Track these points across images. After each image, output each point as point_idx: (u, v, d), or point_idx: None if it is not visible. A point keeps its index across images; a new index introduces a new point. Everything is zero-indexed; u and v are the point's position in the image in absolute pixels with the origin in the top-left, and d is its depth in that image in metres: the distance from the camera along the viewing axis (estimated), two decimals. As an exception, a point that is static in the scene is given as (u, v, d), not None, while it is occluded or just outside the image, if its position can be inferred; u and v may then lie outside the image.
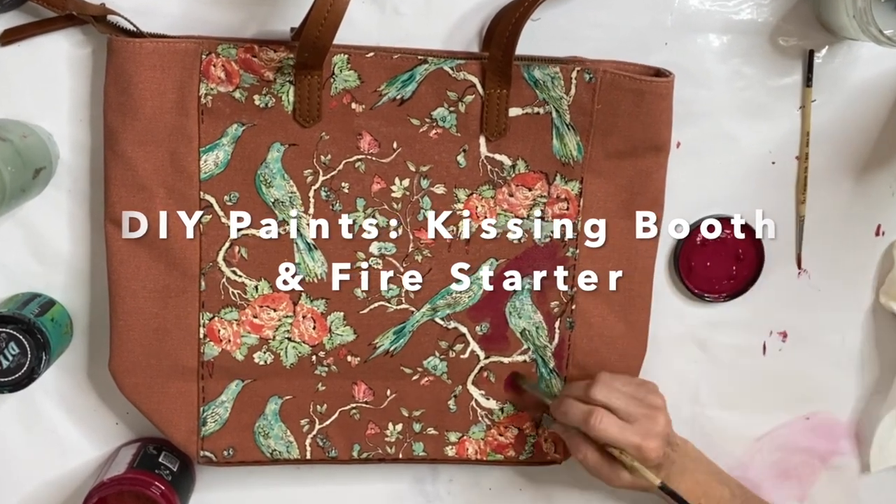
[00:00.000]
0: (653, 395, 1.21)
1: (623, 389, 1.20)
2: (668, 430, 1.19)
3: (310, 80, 1.14)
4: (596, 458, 1.18)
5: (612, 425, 1.16)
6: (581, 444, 1.19)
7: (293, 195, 1.17)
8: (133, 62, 1.11)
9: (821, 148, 1.30)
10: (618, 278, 1.25)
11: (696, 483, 1.23)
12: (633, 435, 1.16)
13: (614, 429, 1.16)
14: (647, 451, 1.15)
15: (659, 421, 1.18)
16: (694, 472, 1.23)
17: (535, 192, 1.21)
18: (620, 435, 1.15)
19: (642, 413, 1.17)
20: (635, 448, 1.15)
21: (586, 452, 1.18)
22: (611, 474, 1.18)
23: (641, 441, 1.15)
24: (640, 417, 1.17)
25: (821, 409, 1.37)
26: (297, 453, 1.24)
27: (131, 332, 1.18)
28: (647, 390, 1.22)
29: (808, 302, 1.34)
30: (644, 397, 1.20)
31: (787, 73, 1.28)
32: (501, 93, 1.17)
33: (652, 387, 1.23)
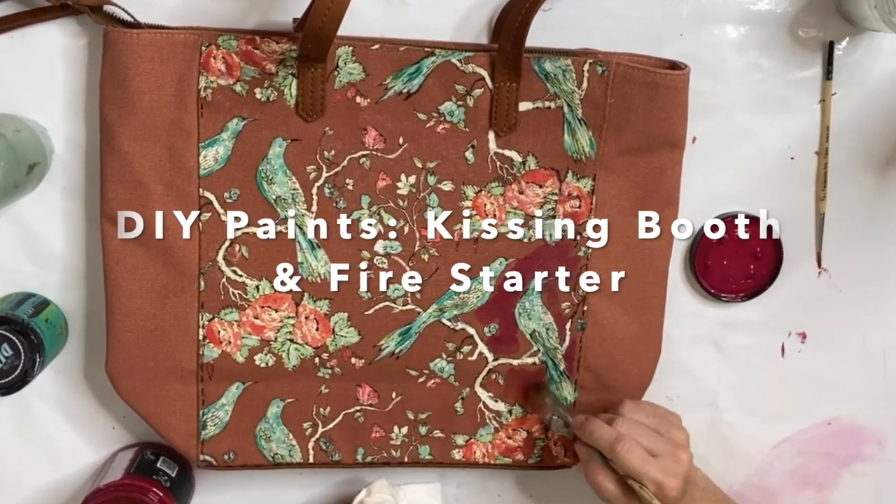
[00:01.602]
0: (677, 430, 1.21)
1: (647, 421, 1.20)
2: (690, 468, 1.19)
3: (313, 72, 1.13)
4: (613, 488, 1.18)
5: (637, 457, 1.16)
6: (600, 470, 1.19)
7: (295, 192, 1.16)
8: (130, 54, 1.11)
9: (841, 143, 1.29)
10: (631, 278, 1.24)
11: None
12: (657, 471, 1.16)
13: (638, 460, 1.15)
14: (667, 489, 1.15)
15: (682, 459, 1.18)
16: (700, 500, 1.23)
17: (546, 189, 1.20)
18: (644, 468, 1.15)
19: (667, 450, 1.18)
20: (656, 485, 1.15)
21: (605, 481, 1.18)
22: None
23: (664, 479, 1.15)
24: (665, 454, 1.17)
25: (842, 413, 1.37)
26: (299, 457, 1.24)
27: (128, 334, 1.17)
28: (671, 424, 1.22)
29: (828, 302, 1.33)
30: (668, 432, 1.20)
31: (807, 65, 1.27)
32: (511, 86, 1.17)
33: (676, 420, 1.23)
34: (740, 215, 1.28)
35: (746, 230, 1.28)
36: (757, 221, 1.28)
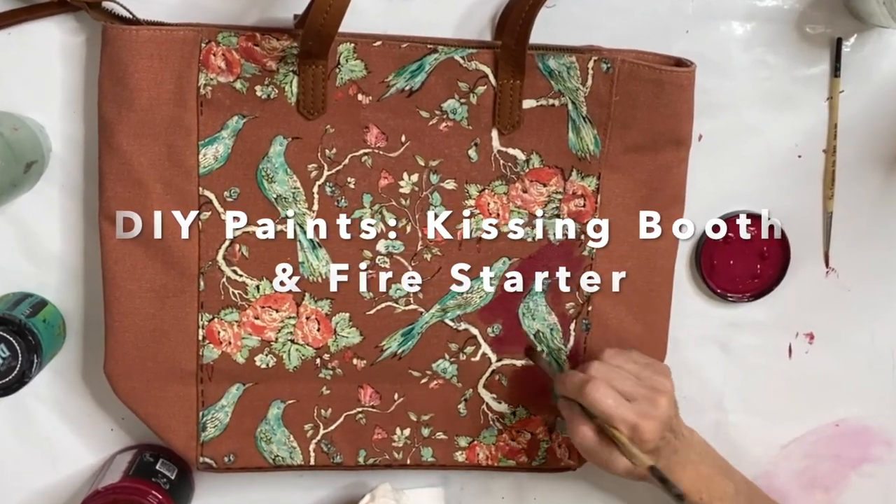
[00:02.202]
0: (659, 377, 1.18)
1: (627, 367, 1.18)
2: (671, 414, 1.16)
3: (314, 69, 1.13)
4: (592, 439, 1.15)
5: (607, 397, 1.13)
6: (580, 422, 1.16)
7: (296, 191, 1.16)
8: (129, 51, 1.10)
9: (849, 141, 1.29)
10: (636, 278, 1.24)
11: (699, 476, 1.21)
12: (630, 412, 1.13)
13: (609, 401, 1.12)
14: (643, 431, 1.12)
15: (660, 403, 1.15)
16: (698, 464, 1.21)
17: (550, 188, 1.20)
18: (616, 410, 1.12)
19: (643, 394, 1.15)
20: (631, 427, 1.12)
21: (584, 431, 1.15)
22: (608, 458, 1.15)
23: (638, 420, 1.12)
24: (640, 398, 1.14)
25: (850, 415, 1.37)
26: (300, 459, 1.24)
27: (127, 334, 1.17)
28: (654, 371, 1.19)
29: (836, 301, 1.33)
30: (649, 378, 1.17)
31: (814, 62, 1.27)
32: (515, 83, 1.16)
33: (660, 368, 1.20)
34: (742, 215, 1.28)
35: (751, 229, 1.28)
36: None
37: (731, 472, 1.26)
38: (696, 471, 1.21)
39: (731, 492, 1.22)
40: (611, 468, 1.15)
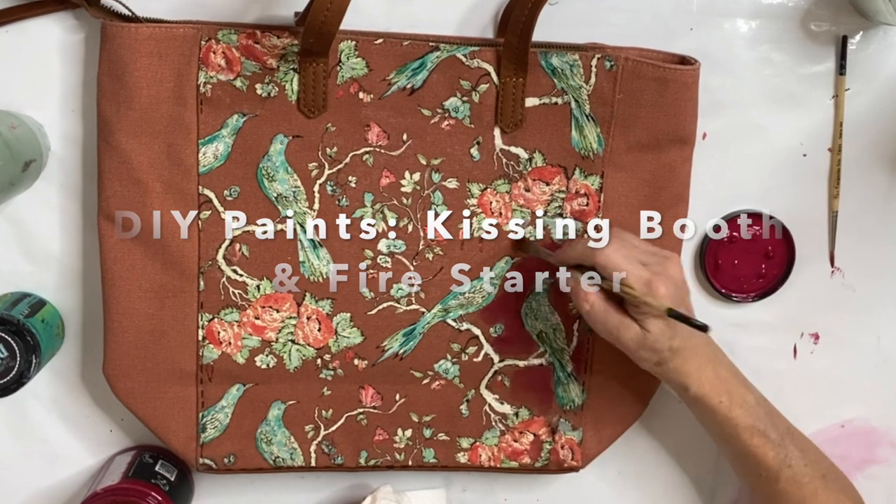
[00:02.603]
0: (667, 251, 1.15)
1: (634, 241, 1.15)
2: (682, 280, 1.13)
3: (315, 67, 1.13)
4: (602, 306, 1.12)
5: (620, 256, 1.10)
6: (587, 290, 1.13)
7: (297, 190, 1.16)
8: (128, 49, 1.10)
9: (855, 139, 1.29)
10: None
11: (718, 378, 1.18)
12: (643, 269, 1.10)
13: (619, 256, 1.10)
14: (657, 287, 1.09)
15: (672, 268, 1.12)
16: (717, 364, 1.18)
17: (553, 186, 1.20)
18: (629, 265, 1.10)
19: (654, 259, 1.12)
20: (645, 283, 1.09)
21: (593, 299, 1.13)
22: (618, 325, 1.12)
23: (651, 276, 1.10)
24: (652, 262, 1.12)
25: (856, 416, 1.37)
26: (301, 460, 1.24)
27: (126, 334, 1.17)
28: (661, 247, 1.17)
29: (841, 302, 1.33)
30: (657, 250, 1.15)
31: (820, 60, 1.27)
32: (517, 81, 1.16)
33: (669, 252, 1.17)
34: (744, 214, 1.28)
35: (754, 229, 1.28)
36: (768, 219, 1.28)
37: (749, 384, 1.22)
38: (713, 370, 1.18)
39: (751, 402, 1.19)
40: (620, 337, 1.13)
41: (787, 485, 1.18)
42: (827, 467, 1.22)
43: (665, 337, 1.11)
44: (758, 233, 1.28)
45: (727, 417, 1.17)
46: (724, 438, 1.19)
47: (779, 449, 1.18)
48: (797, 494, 1.18)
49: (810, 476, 1.19)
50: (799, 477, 1.18)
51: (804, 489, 1.18)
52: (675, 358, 1.14)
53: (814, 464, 1.20)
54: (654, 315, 1.10)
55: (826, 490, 1.19)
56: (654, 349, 1.12)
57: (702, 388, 1.16)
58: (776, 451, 1.18)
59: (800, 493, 1.18)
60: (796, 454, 1.18)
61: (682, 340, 1.13)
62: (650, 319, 1.10)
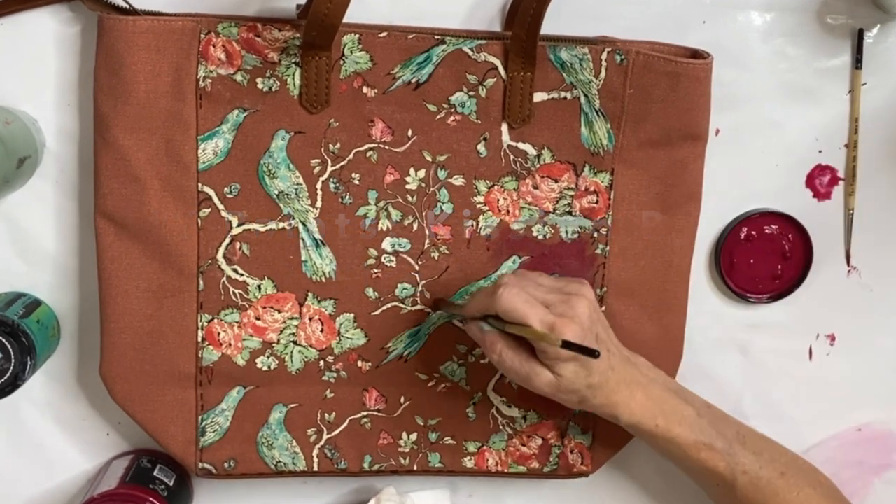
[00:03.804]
0: (575, 285, 1.13)
1: (540, 279, 1.14)
2: (593, 319, 1.10)
3: (317, 61, 1.13)
4: (510, 354, 1.10)
5: (520, 301, 1.08)
6: (496, 340, 1.11)
7: (299, 187, 1.16)
8: (125, 42, 1.10)
9: (871, 135, 1.29)
10: (651, 277, 1.23)
11: (650, 398, 1.16)
12: (546, 314, 1.08)
13: (521, 303, 1.08)
14: (560, 331, 1.06)
15: (578, 307, 1.09)
16: (646, 386, 1.17)
17: (562, 184, 1.20)
18: (531, 310, 1.08)
19: (559, 299, 1.10)
20: (548, 326, 1.06)
21: (501, 348, 1.11)
22: (530, 372, 1.10)
23: (555, 319, 1.07)
24: (557, 302, 1.09)
25: (873, 419, 1.36)
26: (303, 465, 1.23)
27: (124, 335, 1.17)
28: (570, 282, 1.15)
29: (857, 302, 1.33)
30: (564, 287, 1.13)
31: (835, 53, 1.27)
32: (525, 76, 1.16)
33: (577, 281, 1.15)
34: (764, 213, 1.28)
35: (771, 228, 1.28)
36: (785, 218, 1.28)
37: (688, 396, 1.21)
38: (644, 393, 1.16)
39: (690, 415, 1.17)
40: (535, 383, 1.11)
41: (744, 491, 1.18)
42: (786, 463, 1.20)
43: (580, 377, 1.10)
44: (775, 232, 1.27)
45: (667, 438, 1.16)
46: (671, 457, 1.19)
47: (729, 458, 1.17)
48: (757, 498, 1.18)
49: (767, 478, 1.18)
50: (756, 481, 1.17)
51: (763, 492, 1.17)
52: (598, 394, 1.12)
53: (770, 464, 1.18)
54: (563, 359, 1.08)
55: (787, 488, 1.18)
56: (571, 391, 1.11)
57: (633, 415, 1.14)
58: (726, 460, 1.17)
59: (759, 497, 1.18)
60: (749, 458, 1.17)
61: (600, 376, 1.12)
62: (560, 364, 1.09)
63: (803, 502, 1.18)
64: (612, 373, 1.13)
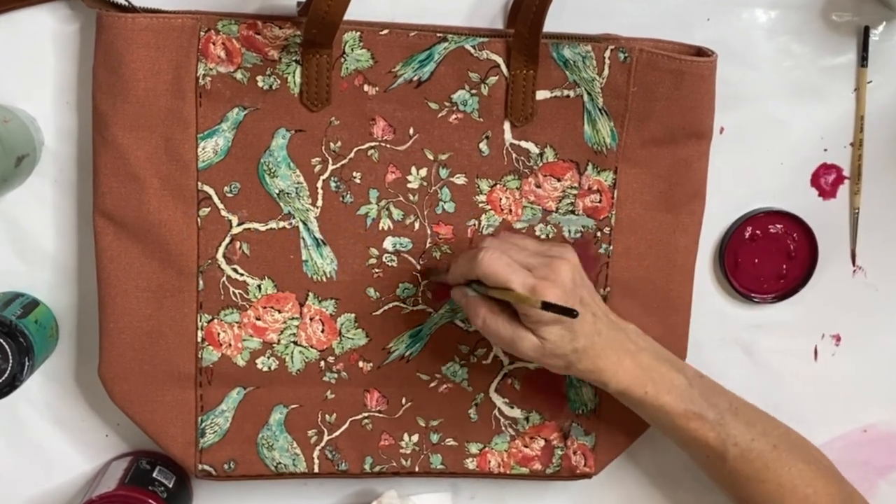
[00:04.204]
0: (558, 248, 1.12)
1: (523, 242, 1.14)
2: (576, 283, 1.09)
3: (318, 59, 1.13)
4: (494, 319, 1.09)
5: (501, 264, 1.07)
6: (480, 304, 1.10)
7: (300, 186, 1.16)
8: (124, 39, 1.10)
9: (877, 134, 1.29)
10: (655, 277, 1.23)
11: (638, 366, 1.15)
12: (527, 276, 1.06)
13: (502, 266, 1.07)
14: (542, 293, 1.05)
15: (560, 269, 1.07)
16: (635, 353, 1.15)
17: (565, 182, 1.19)
18: (512, 274, 1.06)
19: (541, 262, 1.08)
20: (528, 289, 1.06)
21: (485, 313, 1.10)
22: (513, 336, 1.09)
23: (536, 283, 1.05)
24: (539, 266, 1.08)
25: (879, 420, 1.36)
26: (303, 466, 1.23)
27: (123, 336, 1.16)
28: (553, 245, 1.14)
29: (863, 302, 1.33)
30: (547, 250, 1.12)
31: (841, 51, 1.27)
32: (528, 74, 1.16)
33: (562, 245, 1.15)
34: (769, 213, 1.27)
35: (776, 227, 1.28)
36: (790, 217, 1.27)
37: (680, 366, 1.19)
38: (633, 360, 1.15)
39: (681, 384, 1.16)
40: (520, 348, 1.10)
41: (735, 463, 1.17)
42: (779, 437, 1.19)
43: (565, 341, 1.09)
44: (780, 231, 1.27)
45: (656, 406, 1.15)
46: (661, 427, 1.18)
47: (719, 429, 1.16)
48: (747, 471, 1.17)
49: (759, 450, 1.17)
50: (746, 453, 1.17)
51: (754, 464, 1.17)
52: (584, 359, 1.11)
53: (763, 437, 1.18)
54: (546, 322, 1.07)
55: (779, 461, 1.18)
56: (556, 355, 1.10)
57: (621, 382, 1.13)
58: (716, 431, 1.16)
59: (750, 469, 1.17)
60: (740, 430, 1.17)
61: (585, 339, 1.11)
62: (544, 328, 1.08)
63: (796, 477, 1.17)
64: (598, 338, 1.12)
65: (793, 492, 1.17)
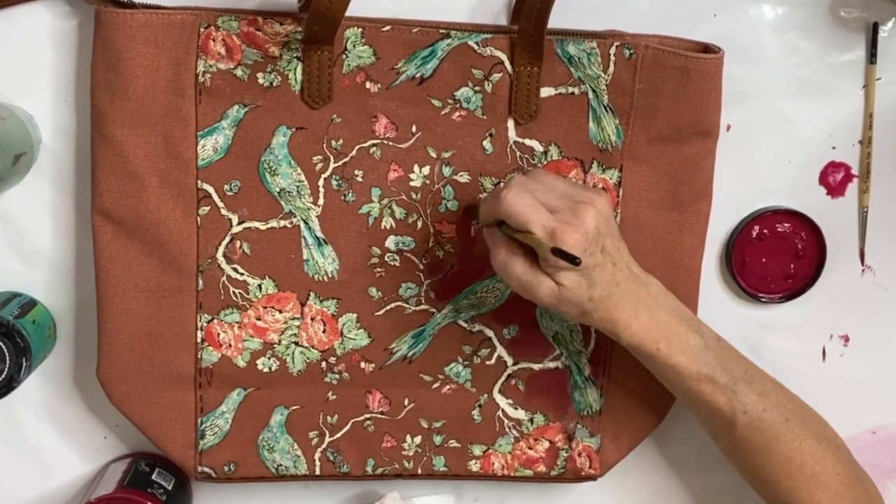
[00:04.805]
0: (589, 192, 1.10)
1: (554, 182, 1.12)
2: (601, 230, 1.08)
3: (320, 56, 1.12)
4: (513, 261, 1.08)
5: (524, 203, 1.05)
6: (500, 245, 1.10)
7: (301, 184, 1.15)
8: (123, 36, 1.10)
9: (886, 131, 1.28)
10: (661, 276, 1.21)
11: (654, 321, 1.13)
12: (548, 219, 1.05)
13: (523, 204, 1.05)
14: (560, 238, 1.04)
15: (585, 214, 1.06)
16: (653, 308, 1.14)
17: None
18: (533, 213, 1.05)
19: (566, 205, 1.07)
20: (548, 232, 1.04)
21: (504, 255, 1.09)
22: (532, 281, 1.08)
23: (556, 225, 1.04)
24: (563, 209, 1.07)
25: (888, 421, 1.36)
26: (304, 468, 1.23)
27: (121, 336, 1.16)
28: (585, 188, 1.13)
29: (872, 302, 1.33)
30: (577, 193, 1.10)
31: (849, 48, 1.26)
32: (532, 70, 1.16)
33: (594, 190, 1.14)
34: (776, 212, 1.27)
35: (783, 226, 1.27)
36: (798, 216, 1.27)
37: (699, 327, 1.17)
38: (649, 315, 1.13)
39: (696, 345, 1.15)
40: (535, 293, 1.09)
41: (744, 431, 1.16)
42: (792, 410, 1.18)
43: (582, 289, 1.08)
44: (787, 230, 1.27)
45: (668, 365, 1.14)
46: (671, 386, 1.17)
47: (731, 395, 1.15)
48: (757, 441, 1.16)
49: (770, 421, 1.16)
50: (757, 423, 1.16)
51: (764, 435, 1.16)
52: (599, 308, 1.10)
53: (775, 408, 1.17)
54: (563, 268, 1.06)
55: (790, 435, 1.17)
56: (572, 302, 1.09)
57: (634, 335, 1.12)
58: (727, 396, 1.15)
59: (760, 440, 1.16)
60: (752, 399, 1.16)
61: (602, 289, 1.09)
62: (562, 273, 1.07)
63: (805, 452, 1.17)
64: (616, 288, 1.11)
65: (801, 467, 1.16)
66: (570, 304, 1.09)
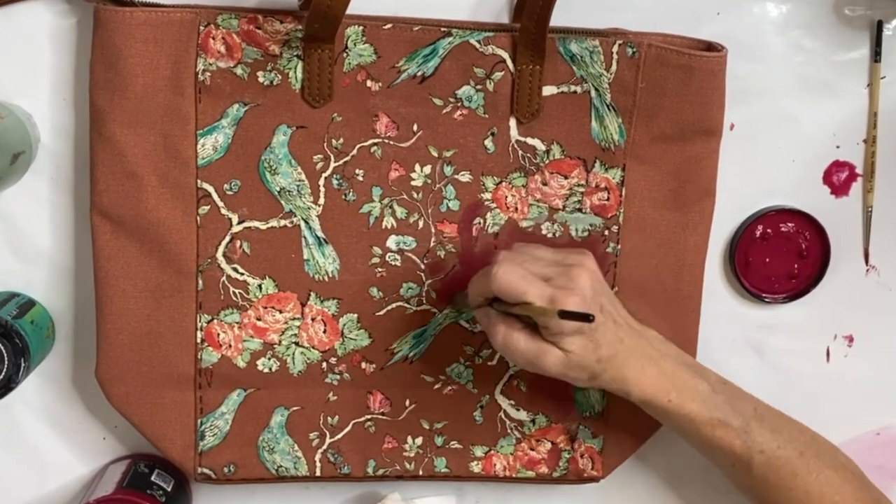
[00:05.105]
0: (575, 256, 1.11)
1: (539, 252, 1.12)
2: (596, 290, 1.08)
3: (320, 54, 1.12)
4: (514, 336, 1.08)
5: (513, 274, 1.06)
6: (498, 323, 1.09)
7: (301, 183, 1.15)
8: (122, 34, 1.10)
9: (890, 130, 1.28)
10: (664, 277, 1.23)
11: (661, 373, 1.14)
12: (545, 287, 1.05)
13: (515, 277, 1.05)
14: (561, 303, 1.03)
15: (578, 277, 1.06)
16: (658, 360, 1.14)
17: (572, 180, 1.19)
18: (528, 285, 1.05)
19: (558, 272, 1.07)
20: (547, 299, 1.04)
21: (504, 331, 1.08)
22: (537, 353, 1.08)
23: (555, 292, 1.04)
24: (555, 276, 1.07)
25: (892, 423, 1.36)
26: (305, 470, 1.23)
27: (120, 336, 1.16)
28: (570, 252, 1.13)
29: (876, 302, 1.32)
30: (563, 259, 1.10)
31: (854, 46, 1.26)
32: (534, 69, 1.16)
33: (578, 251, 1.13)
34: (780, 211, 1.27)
35: (787, 226, 1.27)
36: (801, 216, 1.27)
37: (703, 371, 1.18)
38: (656, 367, 1.14)
39: (704, 390, 1.15)
40: (543, 363, 1.08)
41: (761, 470, 1.16)
42: (805, 443, 1.18)
43: (588, 351, 1.08)
44: (791, 230, 1.27)
45: (681, 415, 1.14)
46: (685, 435, 1.17)
47: (745, 436, 1.15)
48: (774, 479, 1.16)
49: (786, 458, 1.16)
50: (773, 461, 1.16)
51: (781, 472, 1.16)
52: (609, 368, 1.10)
53: (789, 444, 1.17)
54: (568, 333, 1.06)
55: (806, 468, 1.17)
56: (581, 366, 1.09)
57: (644, 391, 1.13)
58: (742, 438, 1.15)
59: (776, 477, 1.16)
60: (766, 437, 1.16)
61: (608, 348, 1.10)
62: (566, 339, 1.07)
63: (823, 484, 1.16)
64: (621, 345, 1.11)
65: (820, 499, 1.16)
66: (579, 369, 1.09)
